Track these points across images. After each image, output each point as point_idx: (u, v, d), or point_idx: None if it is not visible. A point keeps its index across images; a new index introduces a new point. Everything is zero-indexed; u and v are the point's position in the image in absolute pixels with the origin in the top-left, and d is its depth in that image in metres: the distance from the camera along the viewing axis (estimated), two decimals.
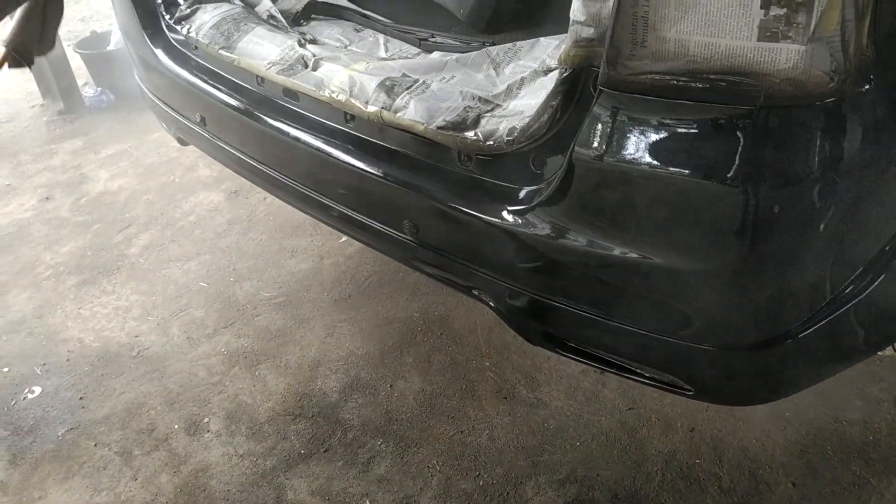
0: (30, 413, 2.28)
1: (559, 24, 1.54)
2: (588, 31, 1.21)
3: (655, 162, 1.18)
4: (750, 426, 2.05)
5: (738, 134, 1.10)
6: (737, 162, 1.11)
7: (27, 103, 4.44)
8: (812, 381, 1.52)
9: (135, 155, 3.78)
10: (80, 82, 4.31)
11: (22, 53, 1.85)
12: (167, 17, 2.21)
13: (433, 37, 2.02)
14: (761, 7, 0.99)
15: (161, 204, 3.33)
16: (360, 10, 2.24)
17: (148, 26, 2.24)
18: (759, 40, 1.01)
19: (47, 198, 3.46)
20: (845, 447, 1.98)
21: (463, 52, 1.83)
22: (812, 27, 0.98)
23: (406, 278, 2.69)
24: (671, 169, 1.18)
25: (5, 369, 2.46)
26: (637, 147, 1.19)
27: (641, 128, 1.18)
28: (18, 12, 1.79)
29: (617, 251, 1.29)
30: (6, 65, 1.87)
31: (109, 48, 4.25)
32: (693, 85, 1.09)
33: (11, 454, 2.15)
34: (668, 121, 1.16)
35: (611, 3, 1.13)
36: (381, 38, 2.09)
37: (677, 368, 1.37)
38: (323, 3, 2.28)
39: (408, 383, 2.29)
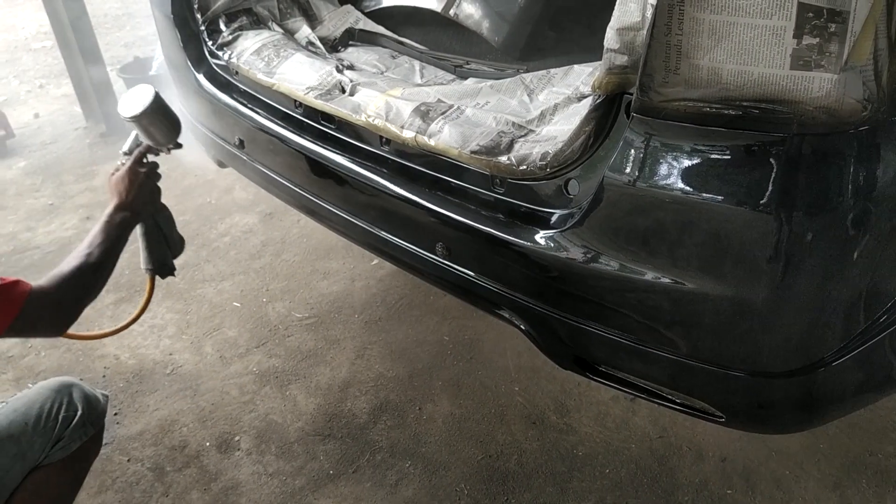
0: None
1: (592, 51, 1.56)
2: (622, 59, 1.23)
3: (688, 188, 1.19)
4: (783, 457, 2.03)
5: (771, 161, 1.10)
6: (769, 189, 1.12)
7: (71, 126, 4.56)
8: (846, 412, 1.50)
9: (173, 176, 3.85)
10: None
11: (161, 271, 1.92)
12: (209, 43, 2.27)
13: (468, 63, 2.05)
14: (794, 36, 1.00)
15: (197, 224, 3.39)
16: (396, 37, 2.29)
17: (190, 52, 2.31)
18: (791, 69, 1.02)
19: (88, 217, 3.54)
20: (881, 480, 1.94)
21: (497, 79, 1.86)
22: (845, 56, 0.99)
23: (436, 301, 2.71)
24: (703, 195, 1.19)
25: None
26: (669, 173, 1.20)
27: (674, 154, 1.20)
28: (139, 238, 1.84)
29: (648, 276, 1.29)
30: (153, 283, 1.96)
31: (151, 73, 4.36)
32: (726, 112, 1.10)
33: None
34: (700, 147, 1.17)
35: (644, 32, 1.15)
36: (417, 64, 2.13)
37: (708, 394, 1.37)
38: (360, 30, 2.34)
39: (437, 406, 2.30)
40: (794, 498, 1.93)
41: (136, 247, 3.15)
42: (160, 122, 1.79)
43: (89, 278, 1.58)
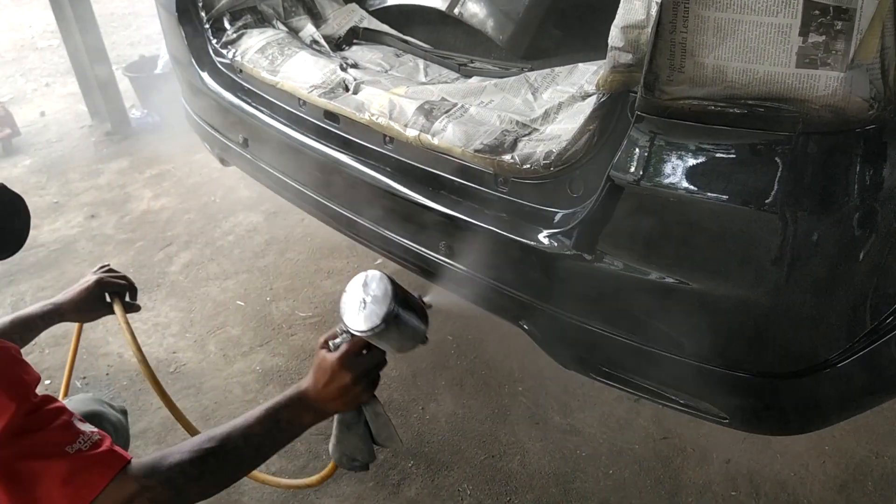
0: None
1: (597, 50, 1.55)
2: (626, 57, 1.22)
3: (692, 187, 1.18)
4: (788, 459, 2.01)
5: (777, 160, 1.09)
6: (775, 188, 1.11)
7: (76, 124, 4.57)
8: (851, 413, 1.49)
9: (178, 175, 3.87)
10: (127, 104, 4.43)
11: (344, 463, 1.39)
12: (214, 41, 2.27)
13: (472, 62, 2.05)
14: (800, 34, 0.99)
15: (202, 223, 3.39)
16: (400, 35, 2.28)
17: (195, 50, 2.31)
18: (797, 67, 1.01)
19: (93, 215, 3.55)
20: (887, 482, 1.93)
21: (501, 77, 1.85)
22: (851, 54, 0.98)
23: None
24: (708, 194, 1.18)
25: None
26: (674, 171, 1.19)
27: (678, 152, 1.19)
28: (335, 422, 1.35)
29: (653, 276, 1.29)
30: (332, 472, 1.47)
31: (156, 72, 4.37)
32: (731, 110, 1.09)
33: None
34: (705, 146, 1.16)
35: (649, 30, 1.14)
36: (421, 63, 2.12)
37: (713, 395, 1.36)
38: (365, 28, 2.33)
39: (440, 406, 2.29)
40: (798, 500, 1.91)
41: (129, 250, 3.22)
42: (404, 327, 1.24)
43: (213, 475, 1.20)
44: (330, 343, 1.26)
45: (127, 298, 1.77)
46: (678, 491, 1.96)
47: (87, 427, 1.15)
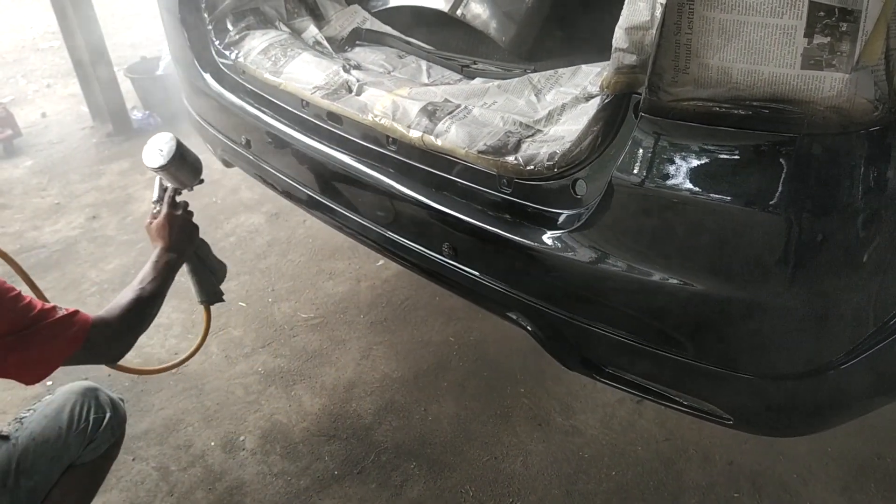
0: None
1: (600, 51, 1.56)
2: (630, 58, 1.22)
3: (696, 188, 1.19)
4: (790, 461, 2.01)
5: (781, 161, 1.09)
6: (779, 189, 1.11)
7: (78, 125, 4.57)
8: (854, 415, 1.49)
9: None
10: (128, 105, 4.42)
11: (213, 299, 2.00)
12: (217, 42, 2.27)
13: (475, 63, 2.04)
14: (805, 35, 0.99)
15: (203, 224, 3.31)
16: (403, 37, 2.28)
17: (198, 51, 2.31)
18: (802, 68, 1.01)
19: (94, 216, 3.55)
20: (889, 484, 1.93)
21: (504, 79, 1.85)
22: (856, 56, 0.98)
23: (442, 303, 2.71)
24: (712, 195, 1.18)
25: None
26: (678, 173, 1.19)
27: (683, 154, 1.19)
28: (188, 275, 1.95)
29: (656, 277, 1.28)
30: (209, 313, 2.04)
31: (158, 73, 4.37)
32: (735, 112, 1.09)
33: None
34: (709, 147, 1.16)
35: (653, 31, 1.14)
36: (424, 64, 2.12)
37: (717, 397, 1.36)
38: (367, 30, 2.33)
39: (442, 407, 2.29)
40: (801, 501, 1.92)
41: (130, 251, 3.21)
42: (185, 166, 1.88)
43: (144, 310, 1.65)
44: (153, 213, 1.87)
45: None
46: (681, 492, 1.96)
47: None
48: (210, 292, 1.98)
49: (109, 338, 1.55)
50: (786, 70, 1.02)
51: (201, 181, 1.98)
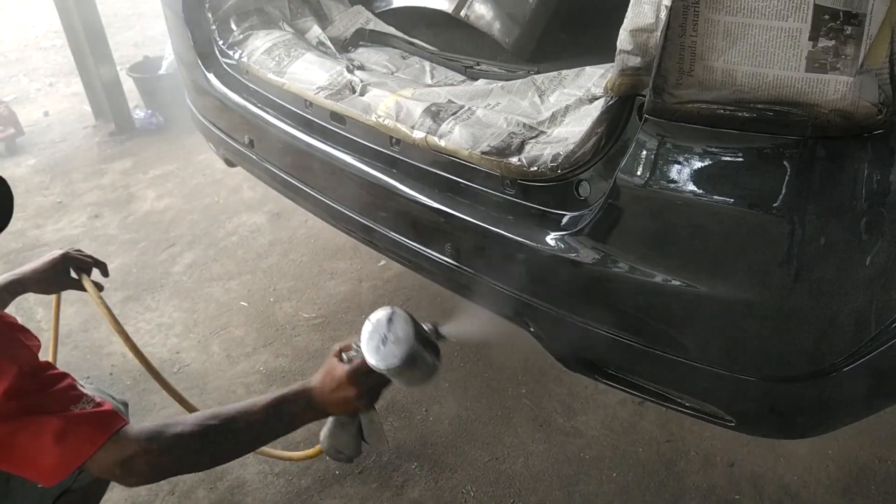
0: None
1: (602, 53, 1.56)
2: (635, 61, 1.22)
3: (700, 190, 1.19)
4: (791, 463, 2.02)
5: (785, 164, 1.10)
6: (783, 192, 1.11)
7: (80, 124, 4.58)
8: (856, 417, 1.50)
9: (181, 176, 3.87)
10: (131, 105, 4.43)
11: (331, 453, 1.48)
12: (220, 42, 2.28)
13: (478, 65, 2.05)
14: (810, 38, 1.00)
15: (205, 224, 3.39)
16: (407, 37, 2.29)
17: (201, 51, 2.31)
18: (807, 71, 1.01)
19: (96, 215, 3.55)
20: (890, 487, 1.93)
21: (508, 80, 1.86)
22: (861, 59, 0.98)
23: (443, 303, 2.71)
24: (716, 197, 1.18)
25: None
26: (682, 175, 1.19)
27: (687, 156, 1.19)
28: (331, 420, 1.44)
29: (659, 279, 1.29)
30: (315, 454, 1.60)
31: (160, 72, 4.37)
32: (740, 114, 1.09)
33: None
34: (713, 149, 1.16)
35: (658, 34, 1.15)
36: (428, 65, 2.13)
37: (719, 399, 1.36)
38: (371, 30, 2.34)
39: (443, 408, 2.29)
40: (802, 503, 1.92)
41: (132, 250, 3.21)
42: (416, 370, 1.34)
43: (210, 450, 1.26)
44: (343, 355, 1.37)
45: (93, 277, 1.85)
46: (682, 494, 1.97)
47: (89, 390, 1.21)
48: (334, 448, 1.45)
49: (135, 463, 1.17)
50: (790, 73, 1.02)
51: (435, 376, 1.40)
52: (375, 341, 1.31)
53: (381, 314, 1.36)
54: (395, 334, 1.31)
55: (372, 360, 1.30)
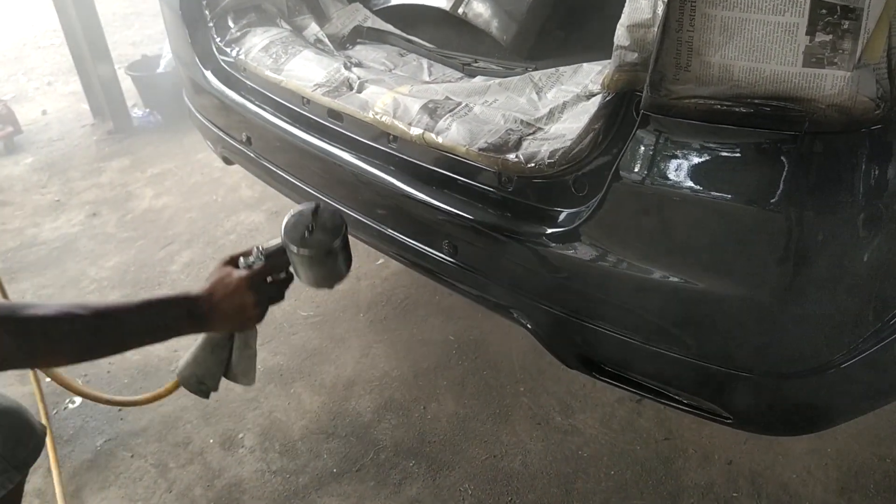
0: (69, 423, 2.33)
1: (599, 50, 1.56)
2: (632, 56, 1.22)
3: (698, 186, 1.19)
4: (790, 461, 2.01)
5: (783, 159, 1.09)
6: (780, 188, 1.11)
7: (78, 122, 4.57)
8: (854, 415, 1.50)
9: (179, 174, 3.87)
10: (129, 103, 4.42)
11: (191, 385, 1.40)
12: (218, 39, 2.27)
13: (476, 62, 2.05)
14: (807, 33, 1.00)
15: (203, 222, 3.39)
16: (404, 35, 2.28)
17: (199, 48, 2.31)
18: (804, 66, 1.01)
19: (94, 214, 3.54)
20: (889, 485, 1.93)
21: (505, 77, 1.85)
22: (858, 54, 0.98)
23: (441, 301, 2.70)
24: (713, 193, 1.18)
25: (48, 379, 2.50)
26: (679, 171, 1.19)
27: (684, 152, 1.19)
28: (199, 343, 1.36)
29: (656, 275, 1.28)
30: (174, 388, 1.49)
31: (159, 71, 4.37)
32: (737, 109, 1.09)
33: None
34: (711, 145, 1.16)
35: (655, 29, 1.14)
36: (425, 62, 2.12)
37: (717, 395, 1.36)
38: (369, 28, 2.33)
39: (441, 406, 2.29)
40: (800, 502, 1.91)
41: (130, 249, 3.21)
42: (333, 264, 1.33)
43: (81, 339, 1.12)
44: (241, 260, 1.29)
45: None
46: (680, 492, 1.96)
47: None
48: (196, 376, 1.39)
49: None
50: (787, 68, 1.02)
51: (339, 281, 1.38)
52: (300, 229, 1.29)
53: (304, 207, 1.33)
54: (323, 226, 1.29)
55: (297, 245, 1.27)
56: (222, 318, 1.25)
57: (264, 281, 1.29)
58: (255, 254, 1.31)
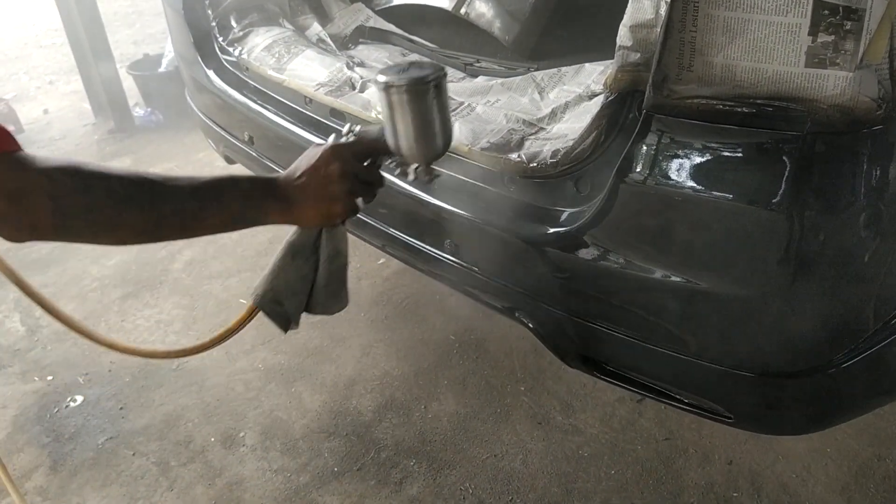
0: (71, 421, 2.33)
1: (600, 51, 1.57)
2: (634, 56, 1.22)
3: (700, 186, 1.19)
4: (790, 461, 2.02)
5: (784, 159, 1.10)
6: (782, 188, 1.12)
7: (80, 122, 4.58)
8: (854, 414, 1.50)
9: (180, 173, 3.86)
10: (130, 102, 4.43)
11: (269, 308, 1.21)
12: (220, 39, 2.28)
13: (478, 62, 2.05)
14: (809, 34, 1.00)
15: None
16: (406, 35, 2.29)
17: (201, 48, 2.31)
18: (806, 66, 1.02)
19: None
20: (889, 484, 1.93)
21: (507, 77, 1.86)
22: (860, 54, 0.99)
23: (442, 301, 2.71)
24: (715, 193, 1.19)
25: (49, 377, 2.51)
26: (681, 170, 1.20)
27: (686, 151, 1.19)
28: (278, 260, 1.21)
29: (658, 274, 1.29)
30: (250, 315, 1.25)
31: (160, 70, 4.37)
32: (739, 109, 1.10)
33: (52, 460, 2.19)
34: (713, 145, 1.16)
35: (658, 30, 1.15)
36: None
37: (718, 395, 1.36)
38: (371, 27, 2.34)
39: (442, 405, 2.30)
40: (800, 501, 1.92)
41: (131, 248, 3.19)
42: (439, 106, 1.14)
43: (145, 208, 0.97)
44: (332, 137, 1.13)
45: None
46: (680, 492, 1.97)
47: None
48: (273, 300, 1.21)
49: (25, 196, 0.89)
50: (790, 68, 1.03)
51: (433, 174, 1.21)
52: (395, 70, 1.12)
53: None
54: (419, 66, 1.13)
55: (391, 80, 1.09)
56: (304, 198, 1.08)
57: (355, 159, 1.11)
58: (345, 130, 1.15)
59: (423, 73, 1.10)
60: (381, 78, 1.11)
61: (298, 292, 1.18)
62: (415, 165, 1.18)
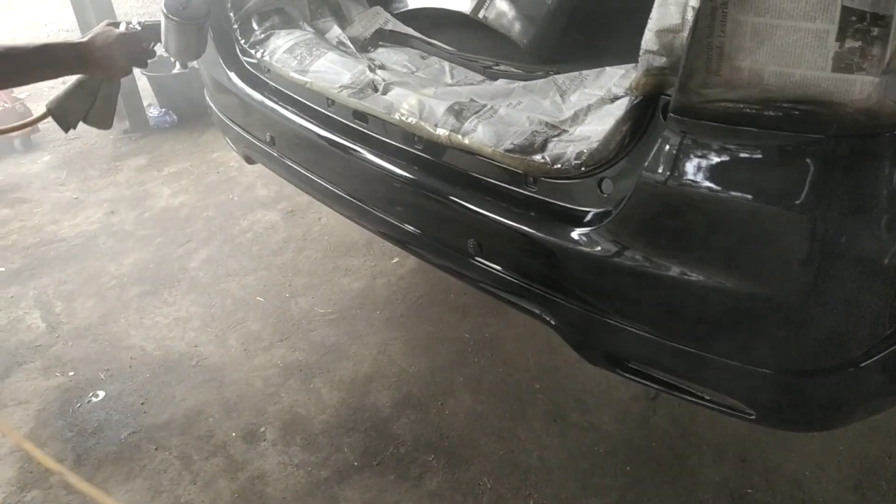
0: (94, 416, 2.37)
1: (618, 55, 1.60)
2: (660, 61, 1.25)
3: (723, 187, 1.22)
4: (803, 458, 2.05)
5: (809, 162, 1.13)
6: (806, 189, 1.14)
7: None
8: (871, 413, 1.52)
9: (195, 173, 3.91)
10: (144, 103, 4.47)
11: (59, 116, 1.85)
12: (242, 41, 2.31)
13: (497, 65, 2.08)
14: (836, 39, 1.03)
15: (220, 221, 3.43)
16: (425, 38, 2.32)
17: (222, 49, 2.34)
18: (833, 71, 1.04)
19: (112, 212, 3.59)
20: None
21: (528, 80, 1.89)
22: (886, 59, 1.01)
23: (457, 299, 2.74)
24: (739, 195, 1.21)
25: (71, 373, 2.55)
26: (706, 172, 1.23)
27: (711, 153, 1.22)
28: (73, 83, 1.83)
29: (684, 274, 1.32)
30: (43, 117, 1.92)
31: (174, 71, 4.40)
32: (766, 113, 1.12)
33: (76, 455, 2.22)
34: (738, 147, 1.19)
35: (684, 34, 1.18)
36: (447, 65, 2.15)
37: (740, 392, 1.39)
38: (390, 31, 2.37)
39: (458, 402, 2.33)
40: (813, 498, 1.95)
41: (149, 246, 3.24)
42: (198, 35, 1.93)
43: None
44: (123, 24, 1.77)
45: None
46: (695, 487, 2.00)
47: None
48: (63, 110, 1.86)
49: None
50: (817, 73, 1.05)
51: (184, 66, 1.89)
52: (178, 4, 1.83)
53: None
54: (195, 5, 1.86)
55: (171, 14, 1.83)
56: (98, 63, 1.69)
57: (137, 43, 1.78)
58: (134, 22, 1.81)
59: (197, 13, 1.87)
60: (163, 8, 1.82)
61: (79, 111, 1.86)
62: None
